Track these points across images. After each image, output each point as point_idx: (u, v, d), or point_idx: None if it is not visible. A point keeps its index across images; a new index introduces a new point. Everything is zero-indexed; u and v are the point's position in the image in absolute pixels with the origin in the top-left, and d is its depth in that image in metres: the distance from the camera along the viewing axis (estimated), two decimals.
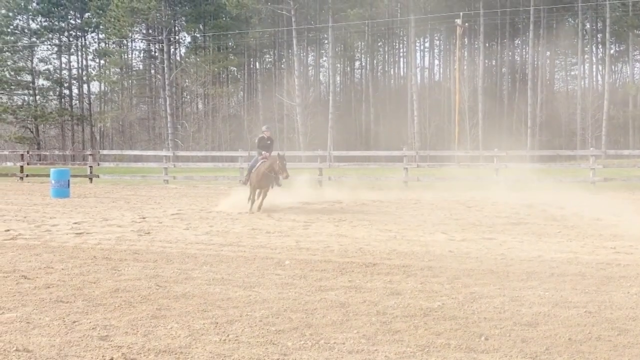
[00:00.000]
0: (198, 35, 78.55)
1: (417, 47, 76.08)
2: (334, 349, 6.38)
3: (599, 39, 73.51)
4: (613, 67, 72.83)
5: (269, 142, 19.87)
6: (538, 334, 6.81)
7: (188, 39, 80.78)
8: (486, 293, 8.60)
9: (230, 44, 77.77)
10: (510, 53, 75.97)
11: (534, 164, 37.70)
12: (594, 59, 74.33)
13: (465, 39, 69.52)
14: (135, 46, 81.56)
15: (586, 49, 72.81)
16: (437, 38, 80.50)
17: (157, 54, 77.15)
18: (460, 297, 8.41)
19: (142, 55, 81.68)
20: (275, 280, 9.50)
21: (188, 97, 79.49)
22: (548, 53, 73.28)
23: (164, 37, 72.03)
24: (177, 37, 78.72)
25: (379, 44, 79.68)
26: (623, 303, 8.01)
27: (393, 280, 9.47)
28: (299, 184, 30.98)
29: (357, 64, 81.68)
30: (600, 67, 73.55)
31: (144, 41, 78.82)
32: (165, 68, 71.34)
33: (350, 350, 6.34)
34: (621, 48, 73.65)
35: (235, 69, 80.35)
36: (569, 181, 28.22)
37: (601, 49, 73.07)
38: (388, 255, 11.51)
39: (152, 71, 79.73)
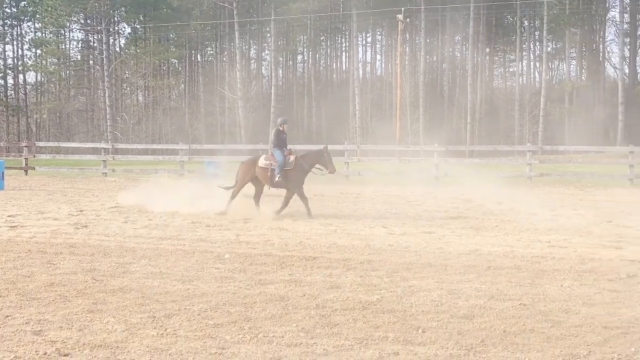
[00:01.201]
0: (138, 27, 77.66)
1: (359, 42, 76.40)
2: (273, 342, 6.38)
3: (536, 37, 74.80)
4: (550, 64, 74.19)
5: (284, 136, 17.94)
6: (474, 326, 6.90)
7: (128, 29, 79.88)
8: (424, 286, 8.67)
9: (171, 35, 77.09)
10: (450, 49, 76.79)
11: (472, 159, 38.20)
12: (531, 56, 75.59)
13: (407, 35, 70.09)
14: (73, 36, 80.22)
15: (524, 46, 74.01)
16: (379, 33, 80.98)
17: (95, 44, 76.03)
18: (399, 290, 8.47)
19: (80, 45, 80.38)
20: (215, 274, 9.44)
21: (128, 89, 78.53)
22: (487, 49, 74.31)
23: (103, 27, 70.94)
24: (116, 28, 77.68)
25: (322, 38, 79.82)
26: (556, 296, 8.16)
27: (333, 273, 9.50)
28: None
29: (299, 57, 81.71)
30: (537, 64, 74.85)
31: (82, 31, 77.56)
32: (105, 59, 70.29)
33: (289, 344, 6.34)
34: (558, 46, 75.02)
35: (176, 61, 79.70)
36: (506, 176, 28.63)
37: (539, 46, 74.37)
38: (328, 249, 11.54)
39: (91, 62, 78.51)
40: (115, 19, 76.81)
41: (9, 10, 76.63)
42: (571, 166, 34.01)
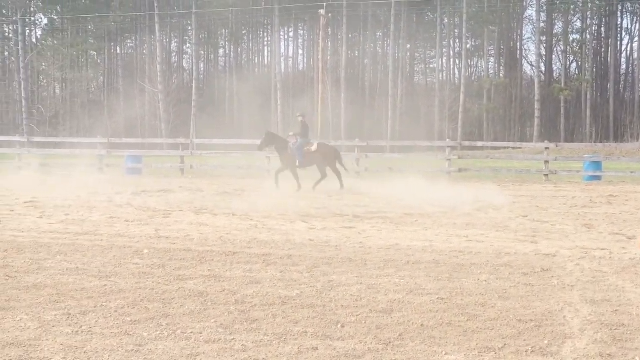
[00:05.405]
0: (55, 18, 75.88)
1: (281, 37, 76.36)
2: (191, 339, 6.31)
3: (456, 34, 76.01)
4: (469, 61, 75.50)
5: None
6: (392, 321, 6.95)
7: (45, 20, 77.96)
8: (344, 281, 8.70)
9: (89, 27, 75.57)
10: (372, 45, 77.40)
11: (393, 154, 38.62)
12: (451, 52, 76.80)
13: (329, 30, 70.28)
14: None
15: (444, 42, 75.11)
16: (301, 28, 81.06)
17: (11, 35, 74.01)
18: (319, 285, 8.48)
19: None
20: (133, 270, 9.29)
21: (45, 81, 76.75)
22: (408, 46, 75.13)
23: (19, 17, 69.10)
24: (33, 19, 75.75)
25: (244, 32, 79.46)
26: (473, 289, 8.29)
27: (253, 269, 9.45)
28: (160, 172, 30.58)
29: (221, 51, 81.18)
30: (457, 61, 76.08)
31: None
32: (20, 50, 68.49)
33: (207, 340, 6.28)
34: (477, 43, 76.43)
35: (95, 53, 78.19)
36: (426, 171, 28.95)
37: (458, 43, 75.57)
38: (248, 244, 11.48)
39: (6, 53, 76.44)
40: (32, 9, 74.91)
41: None
42: (489, 162, 34.68)
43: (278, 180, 22.45)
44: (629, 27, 76.24)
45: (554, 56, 77.10)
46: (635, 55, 73.79)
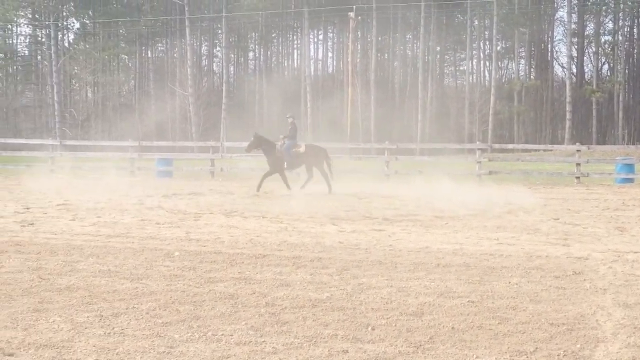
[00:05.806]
0: (87, 22, 76.63)
1: (310, 39, 76.43)
2: (222, 341, 6.33)
3: (486, 36, 75.63)
4: (499, 63, 75.06)
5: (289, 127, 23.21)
6: (423, 324, 6.93)
7: (77, 25, 78.76)
8: (374, 284, 8.69)
9: (121, 31, 76.24)
10: (402, 47, 77.23)
11: (423, 157, 38.50)
12: (481, 54, 76.39)
13: (359, 32, 70.33)
14: (20, 31, 78.88)
15: (474, 45, 74.75)
16: (330, 30, 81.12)
17: (44, 39, 74.84)
18: (349, 288, 8.47)
19: (27, 40, 79.09)
20: (164, 272, 9.35)
21: (77, 85, 77.50)
22: (438, 48, 74.89)
23: (51, 22, 69.87)
24: (65, 23, 76.54)
25: (273, 35, 79.69)
26: (504, 293, 8.24)
27: (283, 271, 9.46)
28: (190, 175, 30.75)
29: (250, 54, 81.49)
30: (487, 63, 75.68)
31: (29, 26, 76.29)
32: (53, 54, 69.24)
33: (238, 342, 6.30)
34: (507, 45, 75.96)
35: (126, 57, 78.85)
36: (456, 174, 28.84)
37: (488, 45, 75.20)
38: (278, 247, 11.50)
39: (39, 57, 77.30)
40: (64, 14, 75.69)
41: None
42: (520, 164, 34.46)
43: (262, 184, 22.77)
44: None
45: (585, 58, 76.46)
46: None
